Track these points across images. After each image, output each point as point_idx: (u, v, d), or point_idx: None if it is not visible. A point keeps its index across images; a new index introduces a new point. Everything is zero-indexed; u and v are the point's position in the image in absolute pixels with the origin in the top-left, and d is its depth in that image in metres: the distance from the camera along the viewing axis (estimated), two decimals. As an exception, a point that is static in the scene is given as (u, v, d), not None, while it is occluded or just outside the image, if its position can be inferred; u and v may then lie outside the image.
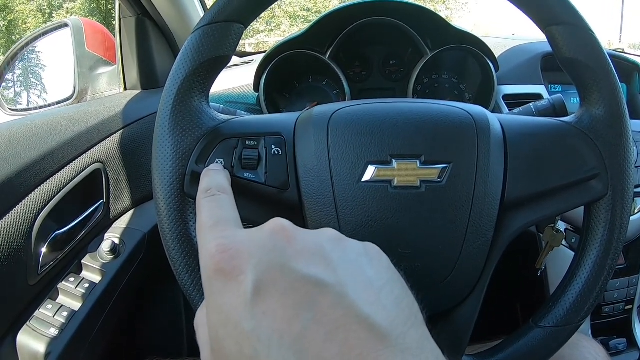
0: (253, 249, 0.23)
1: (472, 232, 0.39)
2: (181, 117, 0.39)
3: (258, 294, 0.20)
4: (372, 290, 0.22)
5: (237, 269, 0.22)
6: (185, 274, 0.40)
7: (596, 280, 0.42)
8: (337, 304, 0.20)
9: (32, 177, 0.58)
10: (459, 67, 0.86)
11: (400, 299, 0.22)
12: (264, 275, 0.21)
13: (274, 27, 13.57)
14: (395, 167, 0.39)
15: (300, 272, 0.21)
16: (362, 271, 0.23)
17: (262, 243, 0.23)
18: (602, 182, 0.42)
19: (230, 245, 0.23)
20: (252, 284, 0.21)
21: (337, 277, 0.21)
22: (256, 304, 0.20)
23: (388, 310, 0.21)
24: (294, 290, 0.21)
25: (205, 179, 0.34)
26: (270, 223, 0.25)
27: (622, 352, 0.84)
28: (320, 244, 0.24)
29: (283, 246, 0.23)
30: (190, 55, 0.39)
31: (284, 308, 0.20)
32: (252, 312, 0.20)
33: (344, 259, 0.23)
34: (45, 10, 13.23)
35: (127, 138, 0.75)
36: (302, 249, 0.23)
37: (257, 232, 0.24)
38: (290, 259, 0.22)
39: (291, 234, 0.24)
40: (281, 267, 0.21)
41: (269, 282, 0.21)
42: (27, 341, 0.57)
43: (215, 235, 0.25)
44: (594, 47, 0.41)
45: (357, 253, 0.24)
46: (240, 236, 0.24)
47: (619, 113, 0.42)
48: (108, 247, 0.68)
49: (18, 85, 1.04)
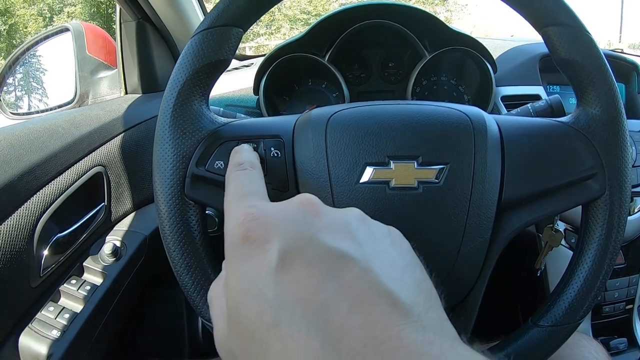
0: (281, 219, 0.23)
1: (470, 233, 0.40)
2: (181, 120, 0.40)
3: (284, 263, 0.21)
4: (395, 269, 0.22)
5: (264, 237, 0.22)
6: (186, 276, 0.40)
7: (594, 279, 0.43)
8: (362, 277, 0.20)
9: (33, 181, 0.58)
10: (457, 68, 0.87)
11: (421, 280, 0.23)
12: (291, 245, 0.21)
13: (274, 31, 13.59)
14: (392, 168, 0.39)
15: (326, 244, 0.22)
16: (386, 250, 0.23)
17: (290, 214, 0.24)
18: (599, 181, 0.42)
19: (259, 214, 0.23)
20: (278, 252, 0.21)
21: (362, 252, 0.22)
22: (281, 272, 0.20)
23: (410, 289, 0.21)
24: (320, 261, 0.21)
25: (237, 154, 0.36)
26: (299, 197, 0.25)
27: (622, 351, 0.84)
28: (347, 221, 0.24)
29: (311, 219, 0.23)
30: (190, 59, 0.40)
31: (309, 278, 0.20)
32: (277, 280, 0.20)
33: (369, 237, 0.24)
34: (46, 14, 13.27)
35: (128, 141, 0.75)
36: (329, 223, 0.23)
37: (286, 204, 0.25)
38: (317, 231, 0.22)
39: (319, 209, 0.24)
40: (308, 238, 0.22)
41: (295, 252, 0.21)
42: (29, 343, 0.58)
43: (245, 204, 0.25)
44: (589, 48, 0.41)
45: (382, 233, 0.25)
46: (269, 207, 0.25)
47: (616, 113, 0.42)
48: (109, 249, 0.68)
49: (19, 89, 1.05)
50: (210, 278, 0.40)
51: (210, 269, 0.41)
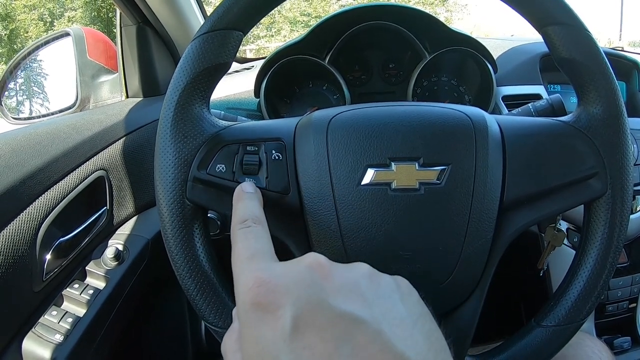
0: (291, 283, 0.23)
1: (472, 233, 0.40)
2: (182, 124, 0.40)
3: (297, 329, 0.21)
4: (405, 326, 0.23)
5: (275, 304, 0.22)
6: (188, 279, 0.40)
7: (597, 278, 0.43)
8: (373, 340, 0.21)
9: (36, 185, 0.58)
10: (458, 69, 0.87)
11: (431, 332, 0.23)
12: (303, 310, 0.22)
13: (275, 33, 13.61)
14: (394, 169, 0.39)
15: (338, 309, 0.22)
16: (396, 307, 0.24)
17: (299, 278, 0.24)
18: (601, 180, 0.42)
19: (268, 279, 0.23)
20: (291, 319, 0.21)
21: (373, 314, 0.22)
22: (295, 338, 0.21)
23: (420, 346, 0.22)
24: (333, 325, 0.21)
25: (240, 205, 0.34)
26: (307, 258, 0.26)
27: (626, 350, 0.84)
28: (356, 280, 0.25)
29: (320, 282, 0.24)
30: (191, 63, 0.40)
31: (323, 343, 0.21)
32: (291, 347, 0.21)
33: (378, 296, 0.24)
34: (47, 19, 13.32)
35: (129, 145, 0.75)
36: (339, 286, 0.24)
37: (294, 266, 0.25)
38: (328, 295, 0.23)
39: (328, 270, 0.25)
40: (319, 302, 0.22)
41: (307, 318, 0.22)
42: (33, 347, 0.58)
43: (253, 268, 0.25)
44: (590, 46, 0.41)
45: (390, 289, 0.25)
46: (278, 270, 0.25)
47: (617, 111, 0.42)
48: (112, 253, 0.68)
49: (21, 94, 1.05)
50: (213, 281, 0.40)
51: (213, 272, 0.41)
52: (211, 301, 0.40)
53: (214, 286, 0.40)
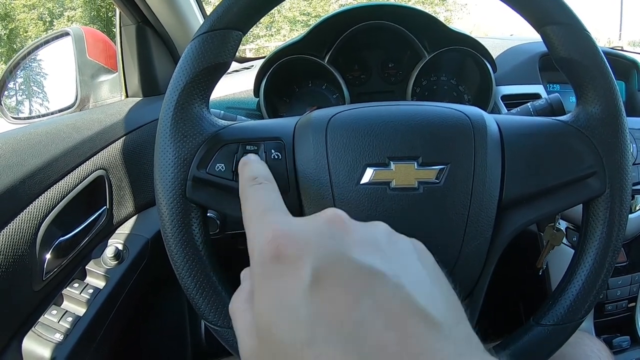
0: (311, 236, 0.23)
1: (471, 232, 0.40)
2: (182, 123, 0.40)
3: (317, 281, 0.21)
4: (424, 284, 0.22)
5: (296, 255, 0.22)
6: (188, 279, 0.40)
7: (596, 277, 0.43)
8: (394, 293, 0.20)
9: (35, 185, 0.59)
10: (457, 68, 0.87)
11: (448, 295, 0.23)
12: (323, 262, 0.21)
13: (274, 32, 13.61)
14: (393, 169, 0.39)
15: (359, 261, 0.22)
16: (414, 265, 0.24)
17: (320, 231, 0.23)
18: (600, 179, 0.42)
19: (288, 232, 0.23)
20: (312, 270, 0.21)
21: (392, 268, 0.22)
22: (315, 290, 0.20)
23: (440, 304, 0.21)
24: (354, 278, 0.21)
25: (247, 167, 0.34)
26: (326, 212, 0.25)
27: (625, 349, 0.84)
28: (375, 236, 0.24)
29: (341, 235, 0.23)
30: (190, 63, 0.40)
31: (344, 295, 0.20)
32: (311, 299, 0.20)
33: (397, 252, 0.24)
34: (46, 18, 13.31)
35: (129, 145, 0.75)
36: (359, 239, 0.23)
37: (314, 220, 0.25)
38: (348, 248, 0.22)
39: (348, 225, 0.24)
40: (340, 254, 0.22)
41: (328, 270, 0.21)
42: (33, 346, 0.58)
43: (270, 221, 0.25)
44: (588, 46, 0.41)
45: (408, 248, 0.25)
46: (297, 223, 0.25)
47: (615, 111, 0.42)
48: (112, 253, 0.68)
49: (20, 94, 1.05)
50: (212, 280, 0.40)
51: (212, 271, 0.41)
52: (211, 300, 0.40)
53: (213, 285, 0.40)
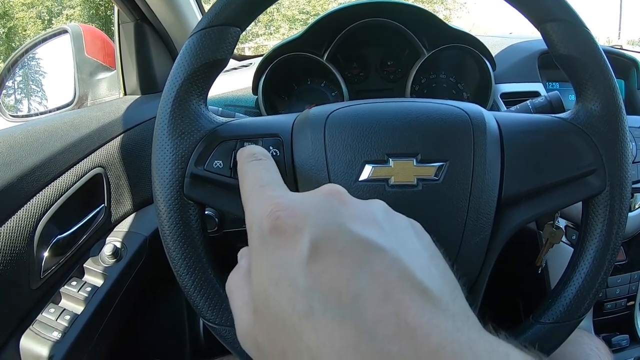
0: (310, 209, 0.23)
1: (470, 229, 0.40)
2: (180, 120, 0.40)
3: (316, 252, 0.21)
4: (422, 258, 0.22)
5: (294, 227, 0.22)
6: (186, 276, 0.40)
7: (595, 275, 0.43)
8: (392, 266, 0.20)
9: (33, 182, 0.58)
10: (456, 66, 0.87)
11: (445, 271, 0.23)
12: (321, 234, 0.21)
13: (273, 31, 13.60)
14: (392, 165, 0.39)
15: (356, 233, 0.22)
16: (412, 240, 0.24)
17: (318, 203, 0.24)
18: (600, 177, 0.42)
19: (287, 204, 0.23)
20: (310, 242, 0.21)
21: (390, 242, 0.22)
22: (313, 262, 0.20)
23: (437, 279, 0.21)
24: (351, 250, 0.21)
25: (247, 148, 0.35)
26: (326, 186, 0.26)
27: (624, 348, 0.84)
28: (373, 211, 0.24)
29: (339, 207, 0.23)
30: (188, 59, 0.40)
31: (342, 267, 0.20)
32: (309, 270, 0.20)
33: (394, 227, 0.24)
34: (45, 17, 13.29)
35: (127, 142, 0.75)
36: (357, 213, 0.23)
37: (312, 194, 0.25)
38: (346, 220, 0.22)
39: (346, 198, 0.25)
40: (338, 227, 0.22)
41: (326, 241, 0.21)
42: (30, 345, 0.58)
43: (269, 195, 0.25)
44: (588, 43, 0.41)
45: (405, 225, 0.25)
46: (296, 197, 0.25)
47: (615, 108, 0.42)
48: (110, 250, 0.68)
49: (19, 92, 1.05)
50: (210, 278, 0.40)
51: (210, 269, 0.41)
52: (209, 298, 0.40)
53: (211, 283, 0.40)
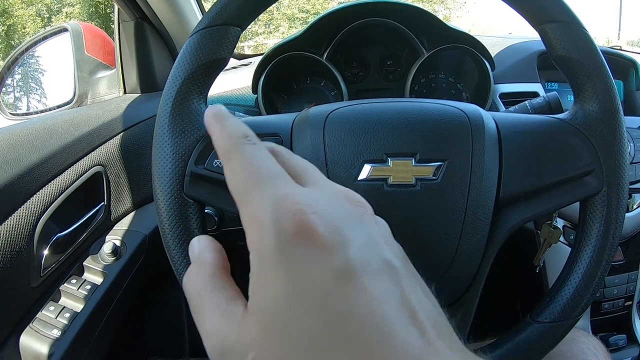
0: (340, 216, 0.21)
1: (468, 229, 0.40)
2: (180, 119, 0.40)
3: (354, 269, 0.19)
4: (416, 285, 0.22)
5: (327, 237, 0.19)
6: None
7: (592, 275, 0.43)
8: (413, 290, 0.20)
9: (33, 181, 0.58)
10: (455, 66, 0.87)
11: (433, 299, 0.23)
12: (359, 250, 0.20)
13: (273, 30, 13.58)
14: (390, 165, 0.39)
15: (384, 253, 0.21)
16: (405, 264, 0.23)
17: (349, 213, 0.21)
18: (597, 178, 0.42)
19: (315, 206, 0.20)
20: (347, 257, 0.19)
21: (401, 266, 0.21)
22: (350, 279, 0.18)
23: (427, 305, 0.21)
24: (383, 270, 0.20)
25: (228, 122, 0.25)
26: (347, 193, 0.23)
27: (622, 348, 0.84)
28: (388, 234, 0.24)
29: (369, 226, 0.22)
30: (188, 59, 0.40)
31: (377, 287, 0.19)
32: (345, 289, 0.18)
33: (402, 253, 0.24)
34: (44, 14, 13.26)
35: (127, 141, 0.75)
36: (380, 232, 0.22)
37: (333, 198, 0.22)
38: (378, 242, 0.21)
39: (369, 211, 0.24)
40: (371, 248, 0.20)
41: (363, 258, 0.19)
42: (30, 342, 0.58)
43: (287, 190, 0.21)
44: (586, 44, 0.41)
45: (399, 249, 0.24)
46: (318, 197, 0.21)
47: (613, 109, 0.42)
48: (109, 249, 0.68)
49: (18, 90, 1.05)
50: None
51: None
52: (208, 296, 0.40)
53: None
